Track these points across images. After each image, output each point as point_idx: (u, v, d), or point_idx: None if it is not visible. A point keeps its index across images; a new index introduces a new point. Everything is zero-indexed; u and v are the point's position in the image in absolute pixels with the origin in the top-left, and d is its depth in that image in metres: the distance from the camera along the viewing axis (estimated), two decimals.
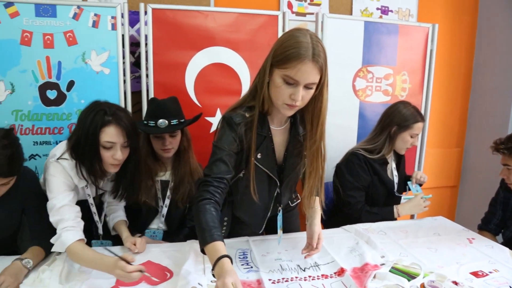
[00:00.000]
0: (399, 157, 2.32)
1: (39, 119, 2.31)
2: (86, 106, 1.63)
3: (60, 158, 1.57)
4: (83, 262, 1.47)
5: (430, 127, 3.06)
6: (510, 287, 1.41)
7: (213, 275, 1.21)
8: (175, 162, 1.96)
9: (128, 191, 1.78)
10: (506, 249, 1.75)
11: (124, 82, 2.37)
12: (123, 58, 2.35)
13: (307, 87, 1.33)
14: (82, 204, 1.65)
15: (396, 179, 2.27)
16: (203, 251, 1.28)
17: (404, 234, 1.90)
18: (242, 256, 1.60)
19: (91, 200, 1.73)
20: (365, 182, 2.17)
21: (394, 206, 2.14)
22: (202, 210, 1.32)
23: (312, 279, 1.43)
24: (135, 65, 2.53)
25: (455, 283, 1.39)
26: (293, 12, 2.79)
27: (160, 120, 1.79)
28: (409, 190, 2.30)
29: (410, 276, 1.45)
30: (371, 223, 1.99)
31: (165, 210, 1.96)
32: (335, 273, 1.47)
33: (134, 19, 2.47)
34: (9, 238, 1.74)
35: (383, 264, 1.53)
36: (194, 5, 2.48)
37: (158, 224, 1.98)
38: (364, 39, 2.71)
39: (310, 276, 1.45)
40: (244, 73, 2.49)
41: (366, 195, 2.19)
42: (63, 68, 2.28)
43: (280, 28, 2.50)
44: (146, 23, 2.33)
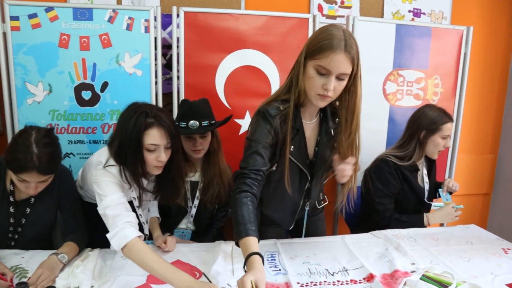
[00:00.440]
0: (431, 163, 2.27)
1: (74, 119, 2.39)
2: (125, 109, 1.59)
3: (107, 166, 1.55)
4: (149, 263, 1.35)
5: (463, 132, 2.98)
6: None
7: (245, 271, 1.23)
8: (205, 163, 1.98)
9: (169, 192, 1.76)
10: None
11: (156, 83, 2.42)
12: (155, 60, 2.40)
13: (339, 78, 1.37)
14: None
15: (427, 186, 2.22)
16: (237, 244, 1.31)
17: (435, 241, 1.85)
18: (271, 258, 1.60)
19: (136, 202, 1.70)
20: (394, 190, 2.13)
21: (424, 214, 2.09)
22: (239, 203, 1.34)
23: (341, 284, 1.42)
24: (166, 67, 2.58)
25: None
26: (323, 15, 2.78)
27: (191, 121, 1.82)
28: (439, 197, 2.25)
29: (442, 285, 1.41)
30: (400, 229, 1.96)
31: (194, 211, 1.99)
32: (364, 278, 1.46)
33: (166, 22, 2.52)
34: (45, 233, 1.81)
35: (413, 271, 1.50)
36: (226, 8, 2.51)
37: (187, 224, 2.02)
38: (396, 42, 2.67)
39: (338, 281, 1.44)
40: (273, 75, 2.49)
41: (395, 202, 2.16)
42: (98, 70, 2.35)
43: (310, 31, 2.50)
44: (178, 26, 2.37)
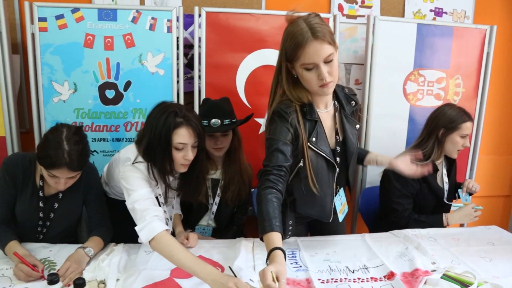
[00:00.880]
0: (451, 163, 2.25)
1: (98, 117, 2.46)
2: (154, 107, 1.63)
3: (136, 162, 1.59)
4: (174, 256, 1.39)
5: (484, 133, 2.95)
6: None
7: (267, 265, 1.25)
8: (226, 161, 2.01)
9: (192, 189, 1.79)
10: None
11: (178, 82, 2.46)
12: (177, 59, 2.44)
13: (326, 61, 1.41)
14: None
15: (446, 186, 2.20)
16: (262, 239, 1.34)
17: (456, 241, 1.84)
18: (291, 255, 1.62)
19: (161, 199, 1.75)
20: (413, 190, 2.12)
21: (444, 215, 2.08)
22: (264, 199, 1.38)
23: (361, 281, 1.44)
24: (188, 66, 2.62)
25: None
26: (343, 14, 2.78)
27: (213, 120, 1.85)
28: (458, 198, 2.23)
29: (463, 284, 1.41)
30: (420, 229, 1.96)
31: (215, 208, 2.02)
32: (384, 276, 1.47)
33: (187, 22, 2.56)
34: (71, 228, 1.87)
35: (434, 270, 1.50)
36: (247, 8, 2.54)
37: (207, 221, 2.05)
38: (417, 42, 2.66)
39: (359, 278, 1.46)
40: None
41: (414, 202, 2.15)
42: (121, 69, 2.41)
43: None
44: (199, 26, 2.41)
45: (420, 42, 2.67)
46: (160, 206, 1.74)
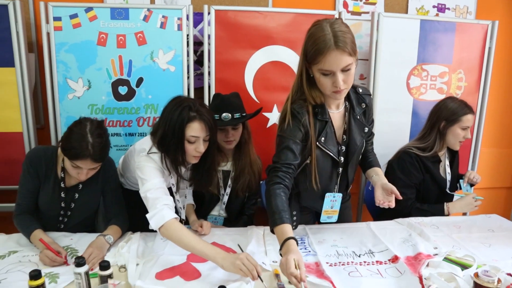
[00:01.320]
0: (453, 154, 2.32)
1: (111, 112, 2.54)
2: (169, 101, 1.71)
3: (150, 153, 1.67)
4: (185, 240, 1.48)
5: (486, 126, 3.01)
6: None
7: (280, 255, 1.34)
8: (236, 154, 2.10)
9: (204, 180, 1.88)
10: None
11: (188, 78, 2.54)
12: (187, 56, 2.52)
13: (344, 70, 1.44)
14: None
15: (449, 177, 2.27)
16: (272, 231, 1.42)
17: (457, 229, 1.92)
18: (300, 242, 1.71)
19: (174, 188, 1.84)
20: (416, 180, 2.20)
21: (445, 204, 2.16)
22: (273, 194, 1.46)
23: (367, 264, 1.52)
24: (197, 63, 2.70)
25: (510, 275, 1.42)
26: (348, 11, 2.85)
27: (224, 114, 1.93)
28: (460, 188, 2.30)
29: (463, 266, 1.49)
30: (423, 217, 2.03)
31: (226, 198, 2.10)
32: (389, 260, 1.55)
33: (196, 20, 2.64)
34: (90, 218, 1.96)
35: (436, 254, 1.58)
36: (254, 6, 2.62)
37: (219, 211, 2.14)
38: (420, 38, 2.72)
39: (365, 262, 1.54)
40: None
41: (417, 192, 2.22)
42: (133, 66, 2.49)
43: None
44: (209, 24, 2.49)
45: (423, 38, 2.73)
46: (173, 195, 1.84)
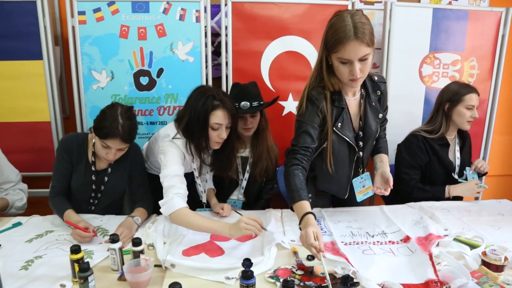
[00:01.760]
0: (464, 140, 2.35)
1: (133, 102, 2.66)
2: (193, 91, 1.83)
3: (174, 138, 1.79)
4: (194, 222, 1.63)
5: (498, 113, 3.04)
6: None
7: (300, 229, 1.44)
8: (254, 140, 2.19)
9: (224, 165, 2.00)
10: None
11: (206, 68, 2.64)
12: (205, 47, 2.61)
13: (361, 59, 1.53)
14: (187, 177, 1.93)
15: (458, 162, 2.30)
16: (291, 209, 1.53)
17: (468, 212, 1.99)
18: (317, 223, 1.80)
19: (196, 173, 1.98)
20: (421, 162, 2.25)
21: (447, 186, 2.18)
22: (291, 174, 1.57)
23: (380, 244, 1.61)
24: (214, 53, 2.79)
25: None
26: (361, 1, 2.90)
27: (243, 102, 2.02)
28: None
29: (472, 246, 1.57)
30: (434, 201, 2.10)
31: (244, 183, 2.21)
32: (401, 240, 1.64)
33: (214, 11, 2.73)
34: (118, 200, 2.09)
35: (446, 235, 1.66)
36: None
37: (238, 195, 2.24)
38: (432, 26, 2.77)
39: (378, 241, 1.63)
40: (314, 60, 2.56)
41: (423, 174, 2.27)
42: (154, 57, 2.60)
43: None
44: (226, 15, 2.58)
45: (436, 26, 2.77)
46: (195, 180, 1.99)
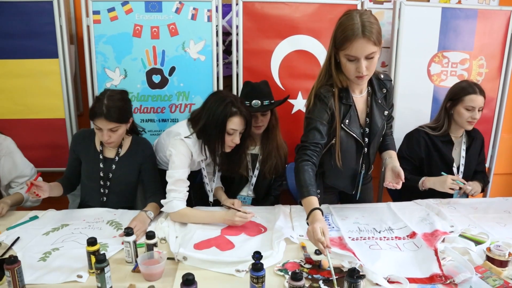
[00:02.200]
0: (472, 140, 2.34)
1: (146, 100, 2.72)
2: (211, 95, 1.93)
3: (186, 137, 1.88)
4: (193, 219, 1.82)
5: (507, 112, 3.03)
6: None
7: (307, 223, 1.49)
8: (264, 138, 2.23)
9: (234, 166, 2.09)
10: None
11: (217, 67, 2.69)
12: (217, 46, 2.66)
13: (368, 57, 1.58)
14: (196, 176, 2.00)
15: (462, 161, 2.31)
16: (301, 203, 1.58)
17: (474, 210, 2.02)
18: (325, 219, 1.83)
19: (205, 172, 2.07)
20: (415, 155, 2.30)
21: (423, 178, 2.17)
22: (301, 169, 1.62)
23: (387, 239, 1.65)
24: (225, 52, 2.84)
25: None
26: (370, 0, 2.92)
27: (254, 101, 2.07)
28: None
29: (477, 242, 1.60)
30: (441, 199, 2.13)
31: (254, 180, 2.26)
32: (407, 235, 1.68)
33: (225, 11, 2.77)
34: (128, 191, 2.16)
35: (452, 232, 1.70)
36: None
37: (247, 191, 2.29)
38: (441, 25, 2.78)
39: (385, 237, 1.67)
40: (324, 59, 2.65)
41: (422, 168, 2.30)
42: (166, 56, 2.66)
43: None
44: (237, 15, 2.62)
45: (445, 25, 2.79)
46: (203, 179, 2.10)
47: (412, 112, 2.88)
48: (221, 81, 2.71)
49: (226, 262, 1.45)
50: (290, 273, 1.24)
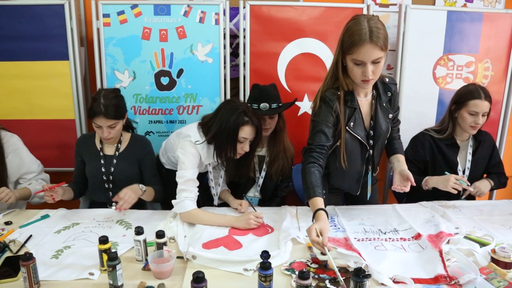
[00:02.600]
0: (478, 142, 2.32)
1: (154, 101, 2.76)
2: (224, 103, 2.00)
3: (197, 143, 1.92)
4: (204, 220, 1.85)
5: None
6: None
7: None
8: (271, 140, 2.26)
9: (242, 173, 2.15)
10: None
11: (224, 69, 2.72)
12: (224, 49, 2.70)
13: (374, 62, 1.61)
14: (203, 177, 2.04)
15: (468, 164, 2.29)
16: (307, 204, 1.62)
17: (479, 212, 2.03)
18: (330, 220, 1.87)
19: (211, 176, 2.12)
20: (420, 158, 2.30)
21: (427, 177, 2.15)
22: (307, 171, 1.66)
23: (392, 241, 1.67)
24: (232, 54, 2.87)
25: None
26: (376, 3, 2.95)
27: (262, 104, 2.11)
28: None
29: (482, 244, 1.61)
30: (446, 201, 2.14)
31: (261, 181, 2.29)
32: (412, 237, 1.70)
33: (232, 14, 2.81)
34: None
35: (457, 233, 1.71)
36: (287, 0, 2.76)
37: (254, 192, 2.32)
38: (446, 28, 2.79)
39: (390, 238, 1.70)
40: (330, 61, 2.62)
41: (427, 170, 2.31)
42: (175, 58, 2.70)
43: None
44: (244, 18, 2.66)
45: (450, 28, 2.80)
46: (209, 181, 2.16)
47: (417, 115, 2.89)
48: (228, 83, 2.75)
49: (234, 261, 1.47)
50: (297, 272, 1.27)
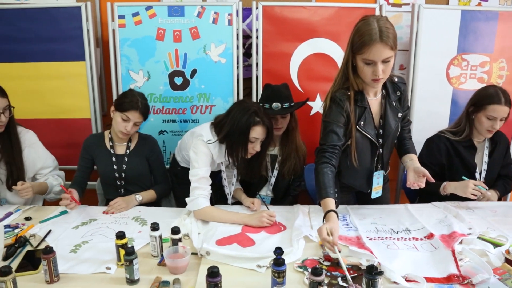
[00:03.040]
0: (495, 143, 2.27)
1: (168, 101, 2.81)
2: (236, 104, 2.05)
3: (209, 142, 1.95)
4: (217, 218, 1.87)
5: None
6: None
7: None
8: (283, 140, 2.28)
9: (254, 172, 2.17)
10: None
11: (237, 69, 2.75)
12: (237, 49, 2.72)
13: (384, 61, 1.64)
14: (216, 176, 2.08)
15: (485, 166, 2.25)
16: (319, 204, 1.64)
17: (493, 213, 2.02)
18: (342, 219, 1.89)
19: (224, 175, 2.16)
20: (435, 161, 2.25)
21: (445, 182, 2.12)
22: (320, 172, 1.69)
23: (404, 240, 1.68)
24: (245, 55, 2.89)
25: None
26: (389, 3, 2.94)
27: (274, 104, 2.13)
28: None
29: (495, 245, 1.60)
30: (459, 201, 2.13)
31: (273, 180, 2.31)
32: (424, 236, 1.70)
33: (245, 15, 2.83)
34: (143, 183, 2.30)
35: (470, 234, 1.70)
36: (299, 1, 2.78)
37: (266, 191, 2.34)
38: (460, 28, 2.78)
39: (402, 238, 1.70)
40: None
41: (443, 174, 2.25)
42: (188, 59, 2.73)
43: None
44: (257, 18, 2.68)
45: (464, 28, 2.78)
46: (223, 181, 2.18)
47: (430, 115, 2.88)
48: (241, 83, 2.78)
49: (247, 258, 1.50)
50: (309, 269, 1.28)
